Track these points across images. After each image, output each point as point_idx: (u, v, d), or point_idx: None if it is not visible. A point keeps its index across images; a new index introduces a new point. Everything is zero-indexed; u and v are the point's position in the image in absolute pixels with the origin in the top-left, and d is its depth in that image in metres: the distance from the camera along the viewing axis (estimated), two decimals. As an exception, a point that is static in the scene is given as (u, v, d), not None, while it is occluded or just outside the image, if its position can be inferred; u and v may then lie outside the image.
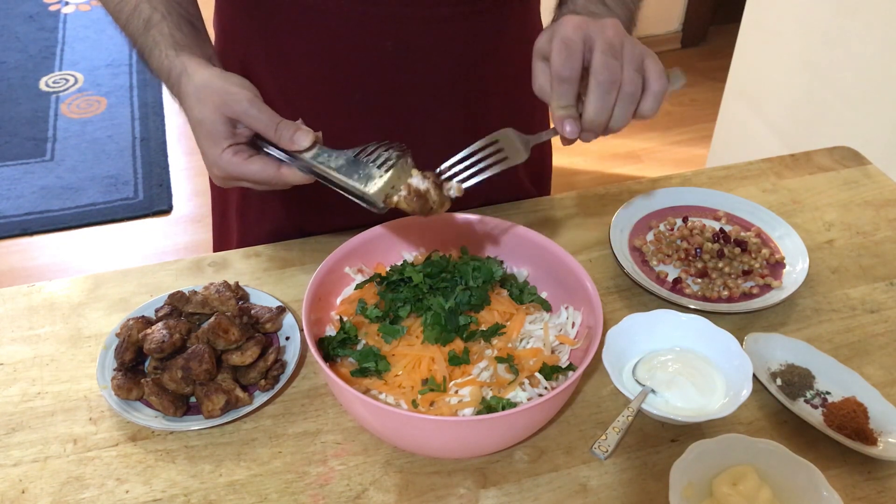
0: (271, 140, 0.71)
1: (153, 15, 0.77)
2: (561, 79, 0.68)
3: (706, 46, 3.37)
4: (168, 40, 0.75)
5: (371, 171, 0.70)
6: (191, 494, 0.70)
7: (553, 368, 0.73)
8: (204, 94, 0.71)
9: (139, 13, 0.77)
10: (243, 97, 0.70)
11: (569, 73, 0.68)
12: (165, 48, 0.75)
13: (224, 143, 0.71)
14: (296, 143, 0.70)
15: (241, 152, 0.71)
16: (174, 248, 2.43)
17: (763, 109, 2.21)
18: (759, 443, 0.68)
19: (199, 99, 0.71)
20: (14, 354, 0.83)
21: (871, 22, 1.77)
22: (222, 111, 0.70)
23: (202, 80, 0.71)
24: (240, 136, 0.71)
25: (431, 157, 0.99)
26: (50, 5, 3.66)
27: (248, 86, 0.71)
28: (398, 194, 0.71)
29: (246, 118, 0.70)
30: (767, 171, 1.11)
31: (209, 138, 0.71)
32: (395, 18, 0.85)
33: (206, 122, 0.71)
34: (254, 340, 0.78)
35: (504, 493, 0.70)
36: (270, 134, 0.70)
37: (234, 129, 0.71)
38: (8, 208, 2.55)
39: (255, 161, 0.71)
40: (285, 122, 0.70)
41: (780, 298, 0.87)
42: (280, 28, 0.89)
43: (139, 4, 0.78)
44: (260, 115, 0.70)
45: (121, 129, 2.90)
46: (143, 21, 0.77)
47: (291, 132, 0.70)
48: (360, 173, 0.70)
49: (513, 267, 0.85)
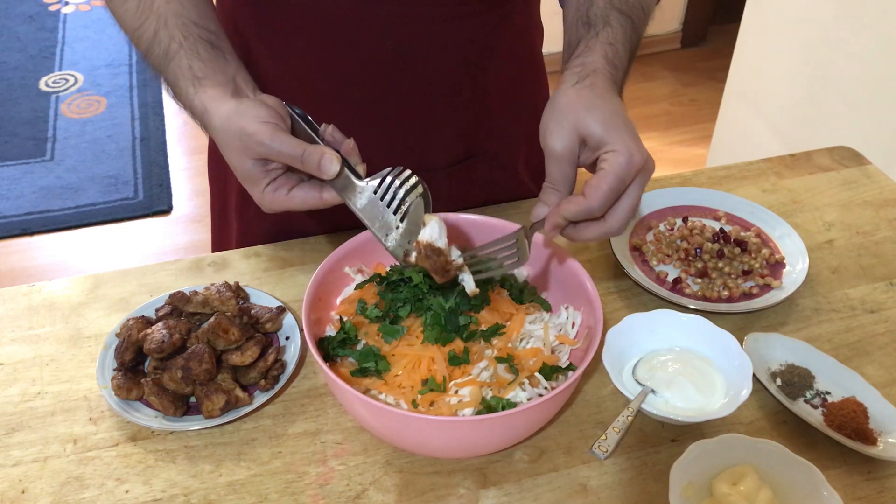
0: (300, 170, 0.70)
1: (171, 45, 0.74)
2: (588, 212, 0.66)
3: (706, 46, 3.37)
4: (187, 74, 0.73)
5: (388, 219, 0.70)
6: (191, 494, 0.70)
7: (553, 368, 0.73)
8: (226, 140, 0.70)
9: (158, 42, 0.75)
10: (263, 136, 0.68)
11: (598, 213, 0.67)
12: (185, 85, 0.73)
13: (262, 183, 0.71)
14: (323, 171, 0.68)
15: (282, 187, 0.71)
16: (174, 248, 2.43)
17: (763, 109, 2.21)
18: (759, 443, 0.68)
19: (224, 144, 0.71)
20: (14, 354, 0.83)
21: (871, 22, 1.77)
22: (248, 155, 0.69)
23: (220, 123, 0.70)
24: (274, 170, 0.71)
25: (431, 157, 0.99)
26: (50, 5, 3.67)
27: (266, 115, 0.69)
28: (413, 253, 0.71)
29: (270, 156, 0.69)
30: (767, 171, 1.11)
31: (246, 181, 0.72)
32: (395, 19, 0.85)
33: (238, 168, 0.71)
34: (254, 340, 0.78)
35: (504, 493, 0.70)
36: (297, 165, 0.69)
37: (265, 167, 0.70)
38: (8, 208, 2.55)
39: (296, 194, 0.71)
40: (310, 150, 0.68)
41: (780, 298, 0.87)
42: (280, 27, 0.89)
43: (158, 31, 0.75)
44: (282, 149, 0.68)
45: (121, 129, 2.90)
46: (163, 51, 0.75)
47: (317, 160, 0.68)
48: (380, 220, 0.70)
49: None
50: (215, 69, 0.74)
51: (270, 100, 0.73)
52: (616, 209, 0.67)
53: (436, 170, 0.99)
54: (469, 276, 0.72)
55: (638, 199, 0.68)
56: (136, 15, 0.76)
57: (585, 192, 0.66)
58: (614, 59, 0.74)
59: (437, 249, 0.70)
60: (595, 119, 0.67)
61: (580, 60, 0.73)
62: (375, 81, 0.90)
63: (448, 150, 0.99)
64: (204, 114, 0.72)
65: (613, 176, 0.65)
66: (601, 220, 0.68)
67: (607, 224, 0.68)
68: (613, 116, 0.68)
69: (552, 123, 0.69)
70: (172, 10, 0.75)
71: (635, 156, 0.66)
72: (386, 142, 0.96)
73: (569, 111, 0.69)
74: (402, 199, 0.69)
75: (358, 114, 0.93)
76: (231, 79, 0.74)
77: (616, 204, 0.67)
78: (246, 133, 0.68)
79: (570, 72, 0.73)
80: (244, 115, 0.69)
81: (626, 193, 0.67)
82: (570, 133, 0.68)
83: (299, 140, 0.69)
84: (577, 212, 0.67)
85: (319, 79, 0.91)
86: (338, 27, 0.86)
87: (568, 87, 0.71)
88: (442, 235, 0.70)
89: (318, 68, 0.90)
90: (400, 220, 0.70)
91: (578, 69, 0.72)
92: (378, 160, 0.97)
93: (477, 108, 0.97)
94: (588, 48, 0.74)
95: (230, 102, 0.71)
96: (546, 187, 0.70)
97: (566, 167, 0.69)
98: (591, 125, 0.67)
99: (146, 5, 0.76)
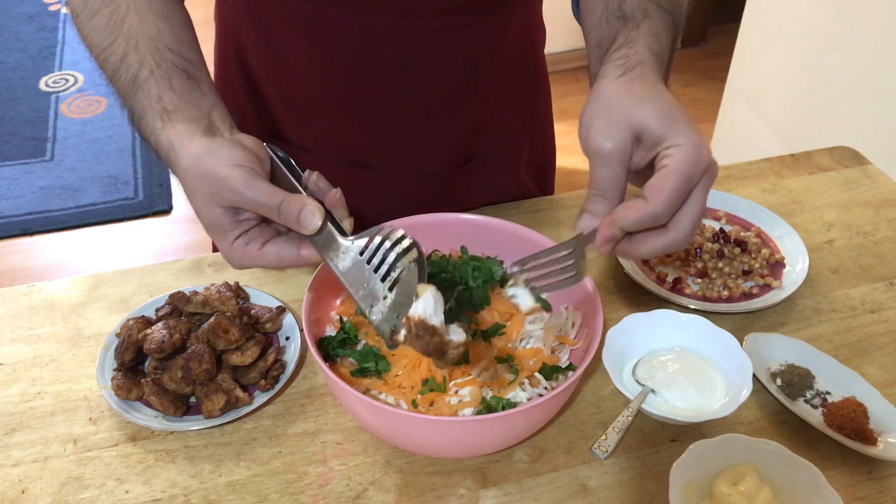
0: (277, 222, 0.62)
1: (140, 71, 0.66)
2: (653, 218, 0.57)
3: (706, 46, 3.37)
4: (155, 106, 0.65)
5: (375, 287, 0.60)
6: (191, 494, 0.70)
7: (553, 368, 0.73)
8: (193, 184, 0.62)
9: (126, 67, 0.67)
10: (236, 181, 0.59)
11: (663, 219, 0.58)
12: (152, 119, 0.65)
13: (230, 235, 0.62)
14: (303, 225, 0.60)
15: (254, 240, 0.63)
16: (174, 248, 2.43)
17: (763, 109, 2.21)
18: (759, 443, 0.68)
19: (191, 188, 0.62)
20: (14, 354, 0.83)
21: (871, 22, 1.77)
22: (216, 202, 0.61)
23: (188, 164, 0.62)
24: (246, 221, 0.63)
25: (431, 162, 0.99)
26: (50, 5, 3.67)
27: (240, 157, 0.61)
28: (401, 331, 0.59)
29: (243, 205, 0.61)
30: (767, 171, 1.11)
31: (212, 232, 0.64)
32: (396, 27, 0.84)
33: (204, 216, 0.62)
34: (254, 340, 0.78)
35: (504, 493, 0.70)
36: (274, 217, 0.61)
37: (236, 216, 0.62)
38: (8, 208, 2.55)
39: (270, 250, 0.63)
40: (289, 200, 0.60)
41: (780, 298, 0.87)
42: (280, 34, 0.88)
43: (126, 55, 0.67)
44: (257, 197, 0.60)
45: (121, 129, 2.90)
46: (131, 78, 0.66)
47: (297, 212, 0.60)
48: (365, 288, 0.60)
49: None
50: (188, 102, 0.65)
51: (248, 140, 0.64)
52: (680, 217, 0.58)
53: (436, 174, 0.99)
54: (525, 292, 0.64)
55: (703, 205, 0.58)
56: (104, 34, 0.68)
57: (647, 195, 0.57)
58: (659, 52, 0.66)
59: (431, 328, 0.58)
60: (651, 112, 0.59)
61: (622, 52, 0.64)
62: (375, 88, 0.89)
63: (448, 154, 0.99)
64: (170, 152, 0.63)
65: (679, 174, 0.56)
66: (663, 229, 0.59)
67: (671, 234, 0.58)
68: (672, 108, 0.59)
69: (598, 120, 0.60)
70: (145, 33, 0.67)
71: (703, 150, 0.57)
72: (386, 147, 0.96)
73: (618, 104, 0.60)
74: (392, 264, 0.60)
75: (357, 120, 0.93)
76: (205, 114, 0.66)
77: (679, 211, 0.58)
78: (216, 177, 0.60)
79: (611, 64, 0.64)
80: (215, 155, 0.61)
81: (691, 199, 0.58)
82: (623, 129, 0.59)
83: (277, 188, 0.61)
84: (638, 219, 0.57)
85: (319, 85, 0.90)
86: (338, 35, 0.85)
87: (613, 80, 0.62)
88: (438, 311, 0.58)
89: (318, 75, 0.90)
90: (388, 289, 0.60)
91: (622, 61, 0.64)
92: (378, 165, 0.97)
93: (477, 112, 0.97)
94: (629, 40, 0.65)
95: (201, 141, 0.63)
96: (592, 195, 0.61)
97: (616, 169, 0.60)
98: (648, 118, 0.59)
99: (116, 24, 0.68)
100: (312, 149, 0.97)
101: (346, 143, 0.95)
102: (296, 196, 0.61)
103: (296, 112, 0.95)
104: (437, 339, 0.58)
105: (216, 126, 0.66)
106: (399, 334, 0.59)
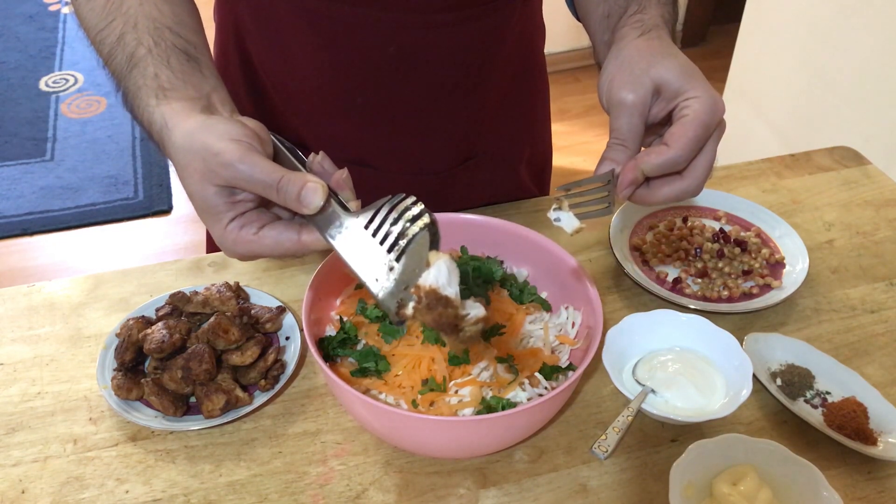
0: (275, 202, 0.57)
1: (138, 49, 0.62)
2: (673, 163, 0.62)
3: (706, 46, 3.37)
4: (151, 83, 0.61)
5: (380, 258, 0.54)
6: (191, 494, 0.70)
7: (553, 368, 0.73)
8: (186, 160, 0.57)
9: (123, 46, 0.63)
10: (231, 155, 0.55)
11: (682, 165, 0.63)
12: (146, 96, 0.61)
13: (224, 218, 0.58)
14: (305, 203, 0.55)
15: (249, 224, 0.58)
16: (174, 248, 2.43)
17: (763, 109, 2.21)
18: (759, 443, 0.68)
19: (183, 167, 0.58)
20: (14, 354, 0.83)
21: (871, 22, 1.77)
22: (210, 180, 0.56)
23: (181, 140, 0.57)
24: (242, 203, 0.58)
25: (431, 162, 0.99)
26: (50, 5, 3.67)
27: (238, 132, 0.57)
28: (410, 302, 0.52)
29: (238, 183, 0.56)
30: (767, 171, 1.11)
31: (205, 213, 0.59)
32: (399, 24, 0.84)
33: (197, 196, 0.58)
34: (254, 340, 0.78)
35: (504, 493, 0.70)
36: (272, 196, 0.56)
37: (231, 197, 0.58)
38: (8, 208, 2.55)
39: (266, 234, 0.58)
40: (288, 176, 0.55)
41: (780, 298, 0.87)
42: (283, 30, 0.88)
43: (124, 34, 0.63)
44: (254, 174, 0.55)
45: (121, 129, 2.90)
46: (127, 57, 0.63)
47: (297, 190, 0.55)
48: (369, 261, 0.55)
49: (513, 267, 0.85)
50: (186, 82, 0.62)
51: (251, 121, 0.60)
52: (695, 165, 0.63)
53: (436, 172, 0.99)
54: (569, 215, 0.61)
55: (714, 156, 0.63)
56: (101, 14, 0.66)
57: (668, 142, 0.61)
58: (669, 21, 0.71)
59: (444, 298, 0.51)
60: (671, 67, 0.64)
61: (637, 17, 0.69)
62: (377, 85, 0.90)
63: (449, 152, 0.99)
64: (163, 129, 0.59)
65: (699, 122, 0.61)
66: (679, 176, 0.64)
67: (686, 181, 0.63)
68: (689, 65, 0.64)
69: (621, 73, 0.65)
70: (145, 13, 0.64)
71: (719, 103, 0.62)
72: (387, 145, 0.96)
73: (640, 59, 0.65)
74: (400, 231, 0.54)
75: (359, 116, 0.93)
76: (204, 95, 0.62)
77: (694, 160, 0.63)
78: (210, 152, 0.55)
79: (629, 27, 0.69)
80: (210, 130, 0.57)
81: (705, 149, 0.63)
82: (644, 82, 0.64)
83: (276, 165, 0.57)
84: (660, 163, 0.61)
85: (321, 81, 0.91)
86: (340, 32, 0.85)
87: (633, 39, 0.67)
88: (452, 282, 0.52)
89: (320, 71, 0.90)
90: (395, 259, 0.54)
91: (639, 24, 0.68)
92: (378, 163, 0.97)
93: (478, 110, 0.97)
94: (643, 7, 0.70)
95: (197, 117, 0.59)
96: (612, 144, 0.65)
97: (636, 120, 0.64)
98: (668, 73, 0.63)
99: (115, 4, 0.65)
100: (313, 147, 0.97)
101: (348, 141, 0.95)
102: (296, 173, 0.56)
103: (297, 110, 0.95)
104: (451, 312, 0.51)
105: (215, 106, 0.62)
106: (407, 308, 0.53)
